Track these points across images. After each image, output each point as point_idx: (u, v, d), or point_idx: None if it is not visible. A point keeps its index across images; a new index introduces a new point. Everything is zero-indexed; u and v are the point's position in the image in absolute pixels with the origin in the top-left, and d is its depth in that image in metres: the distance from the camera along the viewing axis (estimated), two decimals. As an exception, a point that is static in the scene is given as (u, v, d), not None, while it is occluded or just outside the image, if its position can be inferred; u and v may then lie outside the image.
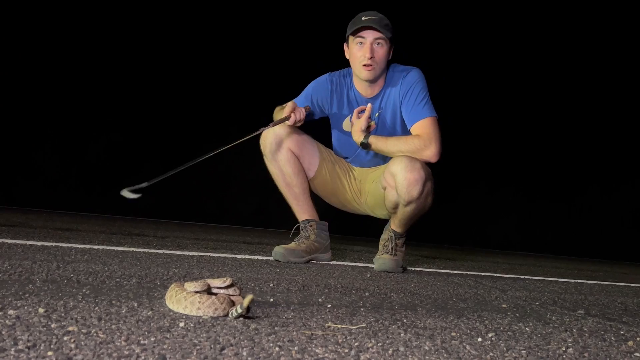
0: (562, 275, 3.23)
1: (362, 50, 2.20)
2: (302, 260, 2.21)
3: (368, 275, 2.01)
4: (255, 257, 2.23)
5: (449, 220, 7.07)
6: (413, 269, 2.54)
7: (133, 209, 5.90)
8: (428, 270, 2.57)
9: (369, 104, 2.24)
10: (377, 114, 2.30)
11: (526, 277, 2.77)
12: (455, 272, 2.64)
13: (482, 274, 2.67)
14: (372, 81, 2.26)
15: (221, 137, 6.61)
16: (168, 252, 2.09)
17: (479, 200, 7.84)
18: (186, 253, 2.12)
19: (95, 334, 0.83)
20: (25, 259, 1.48)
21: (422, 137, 2.14)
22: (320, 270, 2.01)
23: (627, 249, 8.10)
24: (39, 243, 1.91)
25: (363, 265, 2.41)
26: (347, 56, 2.32)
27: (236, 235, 4.02)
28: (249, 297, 1.00)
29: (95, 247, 2.00)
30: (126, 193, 1.92)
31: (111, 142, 6.20)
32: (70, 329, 0.85)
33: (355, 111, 2.23)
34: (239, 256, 2.21)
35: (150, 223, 4.75)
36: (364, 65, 2.20)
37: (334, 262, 2.38)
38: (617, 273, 4.33)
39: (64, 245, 1.94)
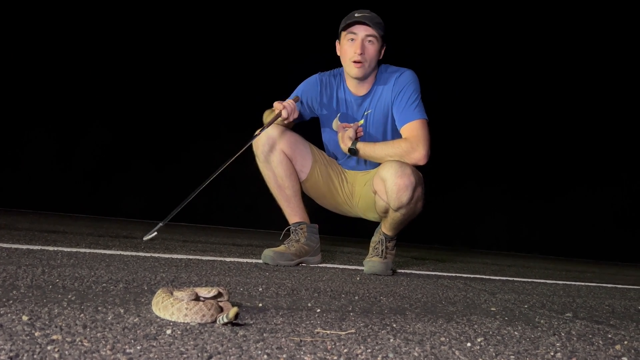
0: (550, 277, 3.25)
1: (353, 46, 2.20)
2: (291, 263, 2.20)
3: (358, 278, 2.01)
4: (244, 260, 2.22)
5: (438, 221, 7.10)
6: (403, 271, 2.54)
7: (121, 210, 5.86)
8: (418, 272, 2.57)
9: (358, 122, 2.25)
10: (365, 113, 2.29)
11: (515, 279, 2.78)
12: (445, 274, 2.65)
13: (472, 276, 2.68)
14: (361, 79, 2.25)
15: (210, 135, 6.57)
16: (156, 255, 2.08)
17: (468, 200, 7.88)
18: (174, 256, 2.11)
19: (79, 343, 0.82)
20: (9, 264, 1.46)
21: (410, 140, 2.15)
22: (310, 273, 2.01)
23: (615, 249, 8.18)
24: (24, 247, 1.89)
25: (353, 267, 2.41)
26: (338, 53, 2.31)
27: (225, 237, 4.00)
28: (233, 310, 0.99)
29: (82, 250, 1.97)
30: (147, 236, 2.02)
31: (99, 142, 6.15)
32: (54, 337, 0.83)
33: (340, 125, 2.24)
34: (227, 259, 2.20)
35: (139, 224, 4.71)
36: (354, 61, 2.19)
37: (324, 265, 2.37)
38: (604, 274, 4.36)
39: (50, 248, 1.92)
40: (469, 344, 1.10)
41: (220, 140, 6.32)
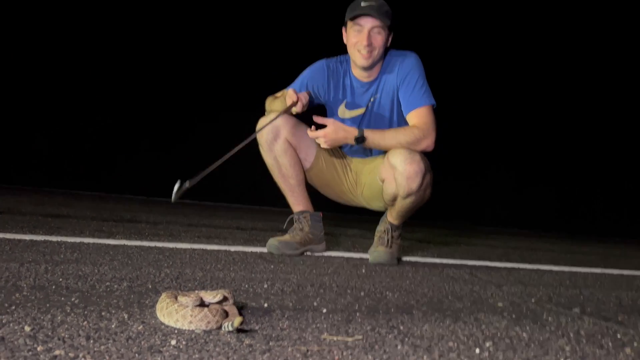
0: (555, 262, 3.24)
1: (360, 37, 2.15)
2: (296, 252, 2.18)
3: (363, 270, 1.99)
4: (249, 250, 2.20)
5: (442, 199, 7.07)
6: (408, 259, 2.53)
7: (126, 188, 5.86)
8: (423, 260, 2.55)
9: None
10: (372, 99, 2.25)
11: (520, 266, 2.76)
12: (450, 261, 2.63)
13: (477, 263, 2.66)
14: (368, 68, 2.21)
15: (215, 115, 6.52)
16: (160, 244, 2.06)
17: (472, 179, 7.86)
18: (178, 246, 2.09)
19: (82, 359, 0.81)
20: (12, 260, 1.44)
21: (421, 128, 2.11)
22: (315, 265, 1.99)
23: (618, 227, 8.20)
24: (28, 237, 1.87)
25: (357, 256, 2.39)
26: (344, 41, 2.26)
27: (229, 218, 4.00)
28: (238, 320, 0.97)
29: (86, 240, 1.96)
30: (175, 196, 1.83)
31: (104, 120, 6.13)
32: (56, 352, 0.82)
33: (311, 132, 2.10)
34: (232, 248, 2.18)
35: (143, 204, 4.71)
36: (361, 52, 2.14)
37: (328, 254, 2.36)
38: (609, 256, 4.35)
39: (54, 239, 1.91)
40: (477, 350, 1.09)
41: (225, 120, 6.29)
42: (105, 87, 6.03)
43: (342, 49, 2.31)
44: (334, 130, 2.08)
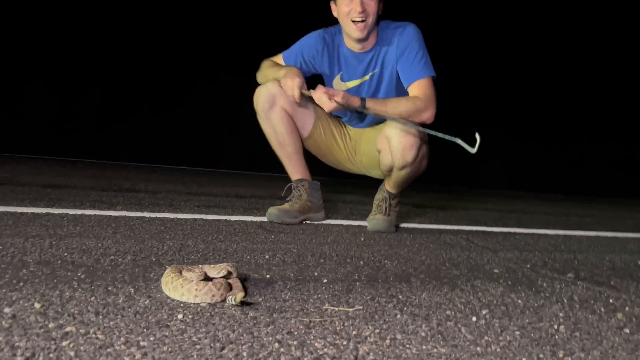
0: (551, 225, 3.29)
1: (352, 4, 2.09)
2: (295, 220, 2.21)
3: (362, 238, 2.02)
4: (249, 219, 2.23)
5: (437, 163, 7.10)
6: (405, 225, 2.56)
7: (122, 154, 5.86)
8: (420, 226, 2.59)
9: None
10: (371, 73, 2.22)
11: (516, 230, 2.81)
12: (447, 227, 2.67)
13: (474, 228, 2.70)
14: (363, 40, 2.17)
15: (209, 80, 6.44)
16: (161, 216, 2.08)
17: (467, 141, 7.88)
18: (179, 216, 2.11)
19: (93, 335, 0.83)
20: (17, 235, 1.46)
21: (422, 99, 2.09)
22: (315, 234, 2.02)
23: (612, 187, 8.27)
24: (29, 210, 1.89)
25: (356, 224, 2.42)
26: (335, 14, 2.21)
27: (228, 186, 4.01)
28: (240, 295, 1.00)
29: (87, 212, 1.98)
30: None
31: (101, 87, 6.07)
32: (68, 329, 0.84)
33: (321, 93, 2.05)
34: (232, 218, 2.20)
35: (141, 171, 4.71)
36: (355, 21, 2.10)
37: (328, 222, 2.39)
38: (604, 219, 4.41)
39: (55, 211, 1.92)
40: (474, 318, 1.12)
41: (220, 85, 6.24)
42: (102, 53, 5.96)
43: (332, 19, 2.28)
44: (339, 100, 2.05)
